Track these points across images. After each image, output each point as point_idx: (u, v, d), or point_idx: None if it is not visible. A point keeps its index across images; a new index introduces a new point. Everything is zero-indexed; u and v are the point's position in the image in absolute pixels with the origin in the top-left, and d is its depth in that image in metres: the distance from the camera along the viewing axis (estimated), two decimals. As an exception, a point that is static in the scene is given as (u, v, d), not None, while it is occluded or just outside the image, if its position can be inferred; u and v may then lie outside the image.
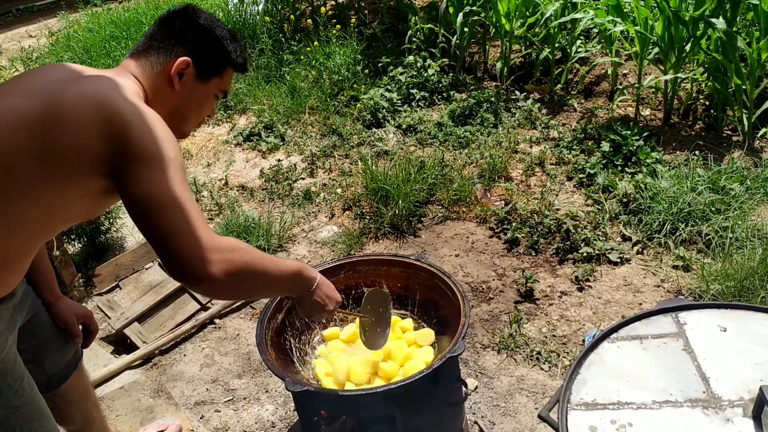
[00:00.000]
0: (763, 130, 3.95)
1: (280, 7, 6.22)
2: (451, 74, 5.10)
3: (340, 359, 2.13)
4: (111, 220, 3.61)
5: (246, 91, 5.30)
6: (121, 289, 3.29)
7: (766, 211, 3.36)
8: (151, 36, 1.57)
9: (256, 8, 6.09)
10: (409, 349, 2.14)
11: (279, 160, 4.43)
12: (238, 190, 4.20)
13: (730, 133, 4.12)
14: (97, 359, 2.83)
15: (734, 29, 3.85)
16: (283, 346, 2.20)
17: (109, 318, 3.04)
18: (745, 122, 3.91)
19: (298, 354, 2.24)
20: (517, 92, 4.81)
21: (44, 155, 1.30)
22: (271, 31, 5.79)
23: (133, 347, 2.95)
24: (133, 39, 5.93)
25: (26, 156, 1.30)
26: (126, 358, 2.84)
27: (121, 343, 3.02)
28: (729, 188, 3.44)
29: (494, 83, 5.11)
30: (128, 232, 3.81)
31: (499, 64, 4.99)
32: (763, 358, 1.48)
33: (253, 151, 4.65)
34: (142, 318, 3.06)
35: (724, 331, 1.57)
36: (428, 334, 2.19)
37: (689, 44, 4.01)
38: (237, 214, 3.79)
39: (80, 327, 1.90)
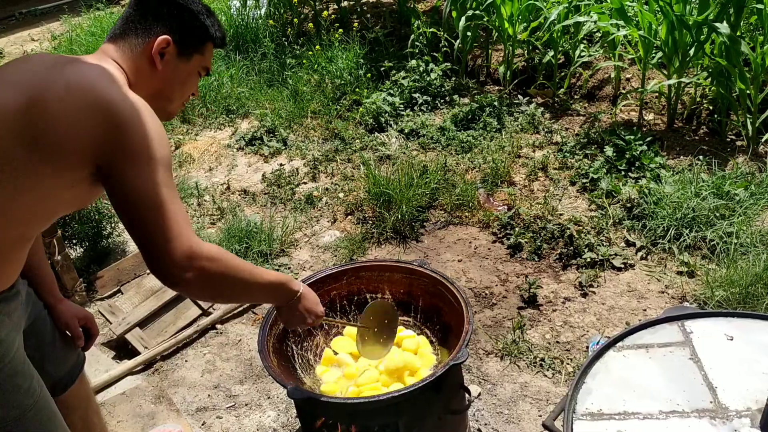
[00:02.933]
0: (767, 135, 3.93)
1: (282, 11, 6.22)
2: (453, 78, 5.10)
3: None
4: (113, 225, 3.60)
5: (248, 95, 5.30)
6: (122, 294, 3.27)
7: (771, 216, 3.34)
8: (126, 18, 1.53)
9: (259, 12, 6.09)
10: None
11: (281, 165, 4.42)
12: (240, 195, 4.19)
13: (734, 138, 4.10)
14: (98, 364, 2.82)
15: (738, 34, 3.84)
16: (285, 353, 2.19)
17: (111, 323, 3.02)
18: (750, 127, 3.89)
19: (300, 361, 2.23)
20: (520, 96, 4.80)
21: (32, 145, 1.29)
22: (273, 35, 5.79)
23: (134, 352, 2.93)
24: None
25: (12, 145, 1.29)
26: (127, 364, 2.82)
27: (122, 349, 3.00)
28: (733, 194, 3.42)
29: (497, 87, 5.10)
30: (130, 237, 3.79)
31: (502, 69, 4.98)
32: (771, 368, 1.47)
33: (255, 156, 4.64)
34: (143, 323, 3.05)
35: (731, 340, 1.55)
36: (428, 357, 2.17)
37: (693, 49, 4.00)
38: (239, 218, 3.78)
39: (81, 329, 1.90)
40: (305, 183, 4.23)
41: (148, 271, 3.31)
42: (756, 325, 1.58)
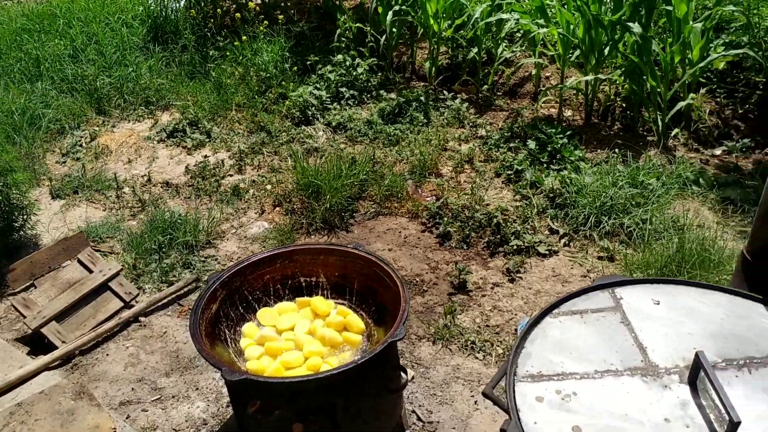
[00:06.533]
0: (675, 130, 4.16)
1: (203, 3, 6.07)
2: (380, 73, 5.12)
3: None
4: (25, 217, 3.40)
5: (168, 87, 5.14)
6: (36, 287, 3.09)
7: (681, 204, 3.53)
8: None
9: (178, 4, 5.93)
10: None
11: (205, 157, 4.31)
12: (162, 187, 4.05)
13: (645, 132, 4.32)
14: (12, 360, 2.65)
15: (649, 34, 4.05)
16: (218, 337, 2.13)
17: (25, 317, 2.85)
18: (660, 122, 4.11)
19: (233, 345, 2.18)
20: (445, 92, 4.88)
21: None
22: (194, 27, 5.64)
23: (51, 347, 2.78)
24: (47, 32, 5.64)
25: None
26: (43, 359, 2.66)
27: (38, 344, 2.83)
28: (647, 183, 3.60)
29: (422, 83, 5.17)
30: (44, 229, 3.60)
31: (427, 65, 5.05)
32: (693, 329, 1.55)
33: (177, 148, 4.50)
34: (60, 317, 2.89)
35: (657, 304, 1.63)
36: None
37: (608, 47, 4.19)
38: (162, 210, 3.65)
39: None
40: (231, 175, 4.14)
41: (65, 264, 3.16)
42: (679, 290, 1.67)
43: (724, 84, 4.46)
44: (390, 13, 4.88)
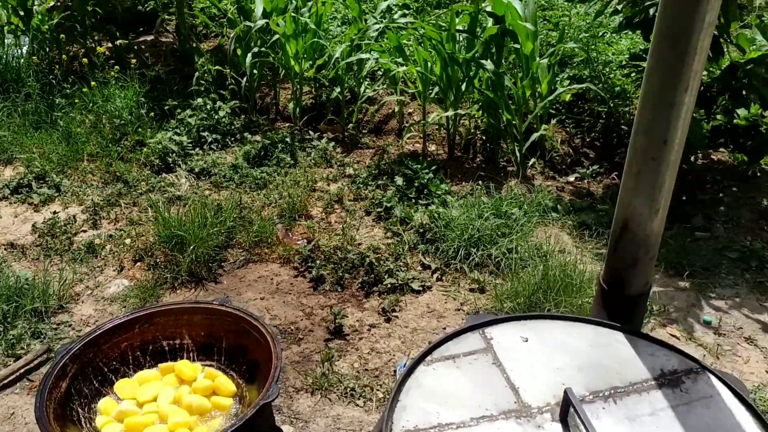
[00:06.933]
0: (532, 160, 4.38)
1: (48, 49, 5.69)
2: (243, 116, 5.01)
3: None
4: None
5: (11, 139, 4.73)
6: None
7: (543, 231, 3.69)
8: None
9: (19, 50, 5.52)
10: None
11: (55, 213, 3.97)
12: (6, 249, 3.68)
13: (505, 164, 4.50)
14: None
15: (501, 70, 4.25)
16: (70, 418, 1.92)
17: None
18: (517, 153, 4.30)
19: (88, 426, 1.97)
20: (311, 132, 4.85)
21: None
22: (38, 74, 5.26)
23: None
24: None
25: None
26: None
27: None
28: (510, 213, 3.73)
29: (287, 124, 5.11)
30: None
31: (291, 105, 5.00)
32: (562, 363, 1.57)
33: (22, 205, 4.12)
34: None
35: (526, 341, 1.64)
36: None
37: (465, 83, 4.35)
38: (5, 275, 3.30)
39: None
40: (84, 231, 3.84)
41: None
42: (545, 325, 1.70)
43: (571, 115, 4.77)
44: (249, 55, 4.80)
